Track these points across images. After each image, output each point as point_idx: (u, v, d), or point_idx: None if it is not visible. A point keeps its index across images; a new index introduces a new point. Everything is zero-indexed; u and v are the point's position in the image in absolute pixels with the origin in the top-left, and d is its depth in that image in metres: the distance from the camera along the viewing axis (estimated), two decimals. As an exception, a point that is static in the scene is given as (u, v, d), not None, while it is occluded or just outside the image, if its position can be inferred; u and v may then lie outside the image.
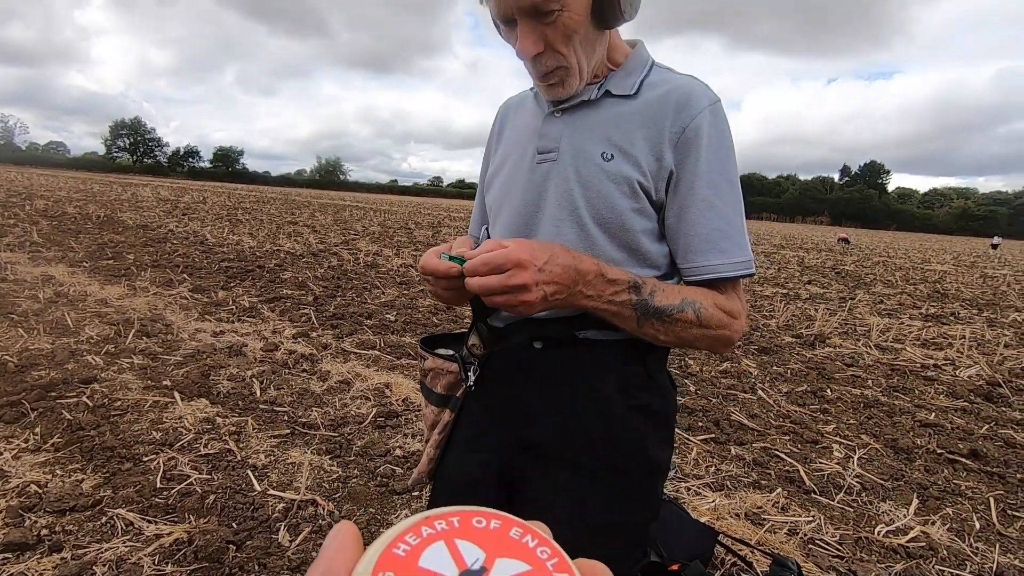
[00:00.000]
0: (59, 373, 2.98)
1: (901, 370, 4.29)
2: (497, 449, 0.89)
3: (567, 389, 0.85)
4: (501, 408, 0.89)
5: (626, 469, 0.85)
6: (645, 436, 0.85)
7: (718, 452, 2.70)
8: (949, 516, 2.25)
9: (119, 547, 1.74)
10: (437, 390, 0.95)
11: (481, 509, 0.24)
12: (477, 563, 0.21)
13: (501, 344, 0.89)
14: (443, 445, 0.95)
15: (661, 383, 0.88)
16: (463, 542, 0.22)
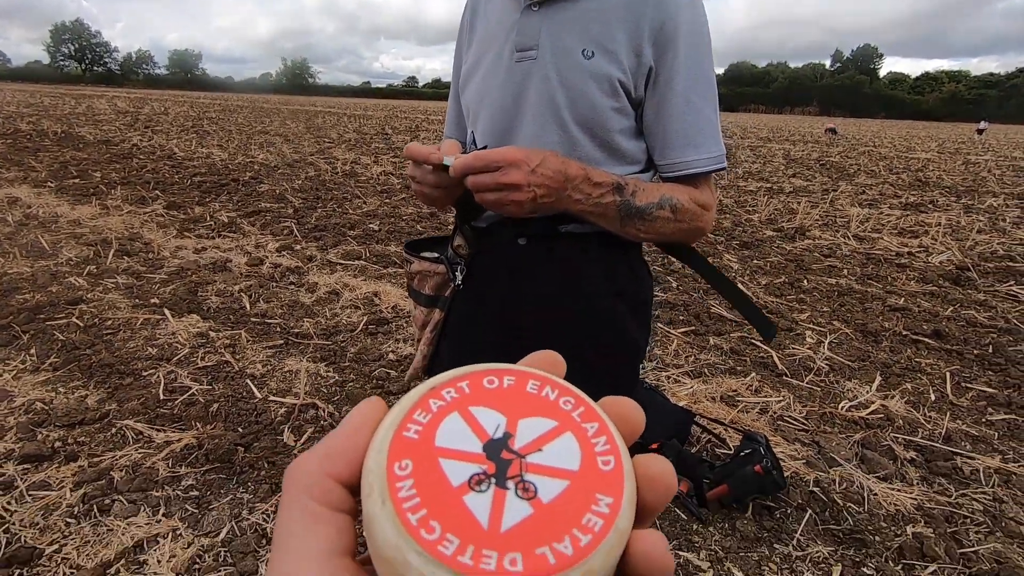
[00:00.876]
0: (44, 296, 2.97)
1: (876, 259, 4.42)
2: (487, 342, 0.94)
3: (552, 280, 0.89)
4: (489, 303, 0.93)
5: (607, 349, 0.91)
6: (625, 320, 0.90)
7: (697, 343, 2.83)
8: (908, 391, 2.42)
9: (132, 454, 1.83)
10: (425, 291, 0.97)
11: (490, 367, 0.22)
12: (499, 430, 0.20)
13: (486, 243, 0.91)
14: (435, 342, 1.00)
15: (640, 271, 0.93)
16: (479, 409, 0.20)
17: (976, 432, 2.13)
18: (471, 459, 0.19)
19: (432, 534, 0.17)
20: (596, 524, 0.18)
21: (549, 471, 0.19)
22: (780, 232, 5.17)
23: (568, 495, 0.18)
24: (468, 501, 0.18)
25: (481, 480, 0.18)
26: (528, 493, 0.18)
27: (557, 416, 0.20)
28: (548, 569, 0.17)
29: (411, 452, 0.19)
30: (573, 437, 0.20)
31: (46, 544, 1.49)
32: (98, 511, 1.60)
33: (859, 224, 5.56)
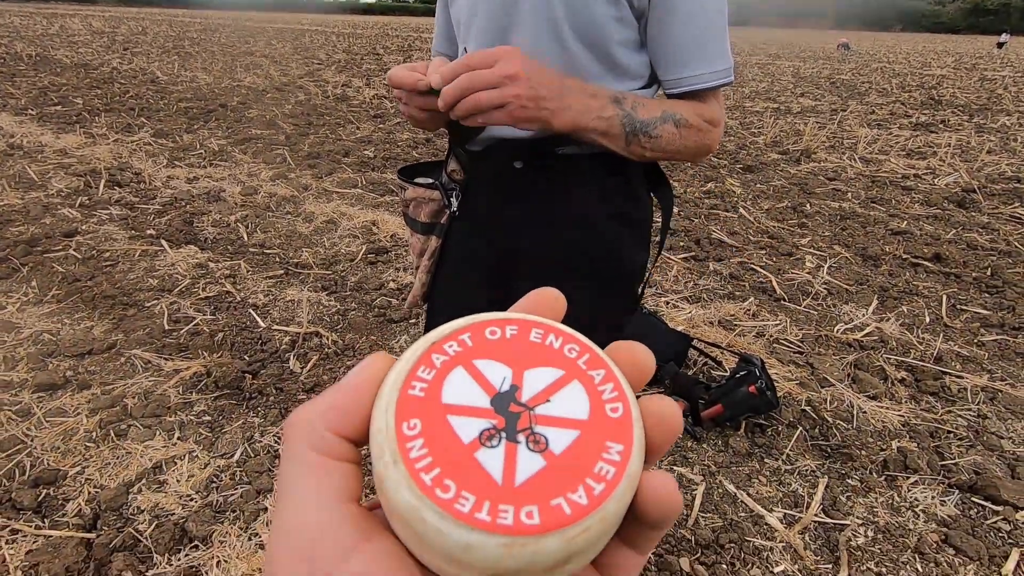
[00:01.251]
0: (39, 228, 2.94)
1: (881, 181, 4.34)
2: (485, 268, 0.94)
3: (549, 203, 0.87)
4: (486, 228, 0.91)
5: (605, 272, 0.90)
6: (623, 242, 0.89)
7: (697, 269, 2.83)
8: (903, 313, 2.45)
9: (143, 382, 1.88)
10: (421, 219, 0.96)
11: (490, 316, 0.21)
12: (506, 383, 0.19)
13: (481, 167, 0.88)
14: (433, 269, 0.99)
15: (639, 192, 0.90)
16: (484, 362, 0.20)
17: (967, 353, 2.18)
18: (480, 414, 0.19)
19: (447, 493, 0.17)
20: (608, 472, 0.18)
21: (558, 421, 0.19)
22: (785, 155, 5.05)
23: (579, 445, 0.18)
24: (480, 457, 0.18)
25: (492, 435, 0.18)
26: (539, 445, 0.18)
27: (563, 365, 0.20)
28: (564, 519, 0.17)
29: (419, 411, 0.18)
30: (580, 385, 0.20)
31: (68, 466, 1.56)
32: (115, 435, 1.66)
33: (867, 146, 5.41)
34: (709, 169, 4.56)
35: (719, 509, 1.50)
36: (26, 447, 1.60)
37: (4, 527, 1.38)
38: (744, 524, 1.45)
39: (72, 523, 1.41)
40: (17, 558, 1.32)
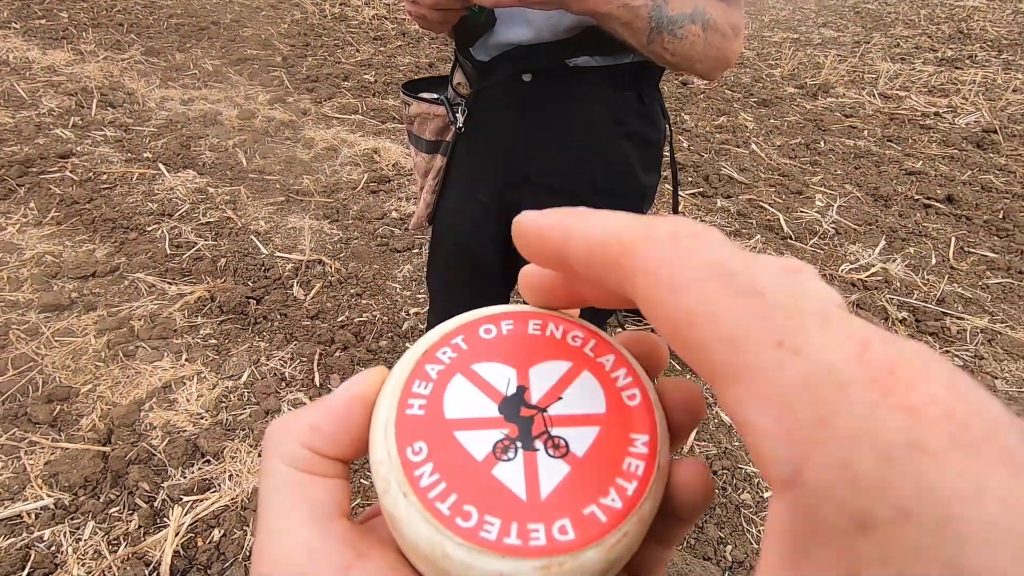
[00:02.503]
0: (32, 149, 2.87)
1: (900, 119, 4.20)
2: (492, 186, 0.91)
3: (559, 121, 0.84)
4: (493, 146, 0.88)
5: (617, 193, 0.88)
6: (635, 162, 0.87)
7: (704, 205, 2.79)
8: (910, 255, 2.44)
9: (148, 305, 1.89)
10: (426, 136, 0.92)
11: (481, 314, 0.20)
12: (511, 385, 0.18)
13: (488, 79, 0.84)
14: (438, 190, 0.97)
15: (652, 111, 0.87)
16: (483, 365, 0.18)
17: (970, 295, 2.18)
18: (489, 425, 0.17)
19: (469, 520, 0.15)
20: (637, 467, 0.16)
21: (575, 420, 0.17)
22: (802, 89, 4.85)
23: (601, 442, 0.17)
24: (498, 474, 0.16)
25: (507, 447, 0.17)
26: (560, 450, 0.17)
27: (569, 355, 0.18)
28: (601, 528, 0.15)
29: (422, 431, 0.17)
30: (591, 375, 0.18)
31: (80, 384, 1.59)
32: (124, 356, 1.69)
33: (887, 81, 5.19)
34: (722, 102, 4.40)
35: (714, 438, 1.54)
36: (37, 365, 1.63)
37: (23, 439, 1.43)
38: (738, 453, 1.50)
39: (87, 437, 1.45)
40: (37, 467, 1.37)
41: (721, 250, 0.13)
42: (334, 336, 1.83)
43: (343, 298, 2.02)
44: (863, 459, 0.10)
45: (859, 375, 0.11)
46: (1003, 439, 0.10)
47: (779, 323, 0.12)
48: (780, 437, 0.11)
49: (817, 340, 0.11)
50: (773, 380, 0.11)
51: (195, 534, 1.28)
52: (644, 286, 0.14)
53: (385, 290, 2.08)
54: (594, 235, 0.15)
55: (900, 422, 0.10)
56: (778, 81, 5.08)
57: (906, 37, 7.63)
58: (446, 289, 1.07)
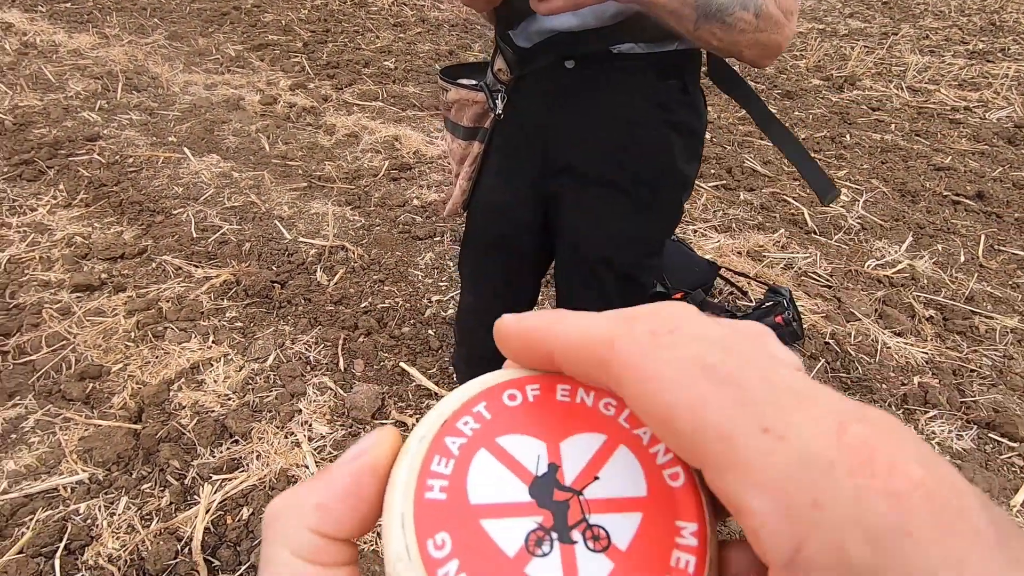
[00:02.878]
0: (61, 131, 2.91)
1: (928, 113, 4.11)
2: (530, 174, 0.91)
3: (600, 108, 0.83)
4: (532, 134, 0.88)
5: (655, 183, 0.87)
6: (676, 152, 0.86)
7: (727, 198, 2.76)
8: (938, 252, 2.39)
9: (175, 287, 1.92)
10: (463, 123, 0.92)
11: (504, 376, 0.17)
12: (541, 462, 0.16)
13: (529, 66, 0.83)
14: (474, 177, 0.97)
15: (695, 99, 0.86)
16: (510, 438, 0.16)
17: (1000, 294, 2.14)
18: (520, 512, 0.15)
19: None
20: (688, 563, 0.15)
21: (615, 504, 0.15)
22: (828, 81, 4.77)
23: (645, 532, 0.15)
24: (533, 572, 0.14)
25: (541, 538, 0.15)
26: (600, 542, 0.15)
27: (603, 427, 0.16)
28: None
29: (444, 520, 0.14)
30: (629, 451, 0.16)
31: (111, 363, 1.63)
32: (152, 336, 1.72)
33: (916, 74, 5.08)
34: (746, 94, 4.33)
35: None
36: (70, 343, 1.66)
37: (57, 415, 1.47)
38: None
39: (119, 415, 1.48)
40: (71, 443, 1.40)
41: (698, 345, 0.14)
42: (357, 322, 1.85)
43: (366, 284, 2.03)
44: (855, 543, 0.11)
45: (842, 459, 0.11)
46: (973, 517, 0.11)
47: (760, 410, 0.12)
48: (777, 521, 0.12)
49: (796, 423, 0.12)
50: (764, 467, 0.12)
51: (224, 512, 1.31)
52: (629, 382, 0.14)
53: (407, 277, 2.09)
54: (577, 336, 0.15)
55: (886, 507, 0.11)
56: (803, 73, 4.99)
57: (936, 29, 7.44)
58: (479, 277, 1.08)
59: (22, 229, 2.12)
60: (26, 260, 1.97)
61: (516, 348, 0.17)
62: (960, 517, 0.11)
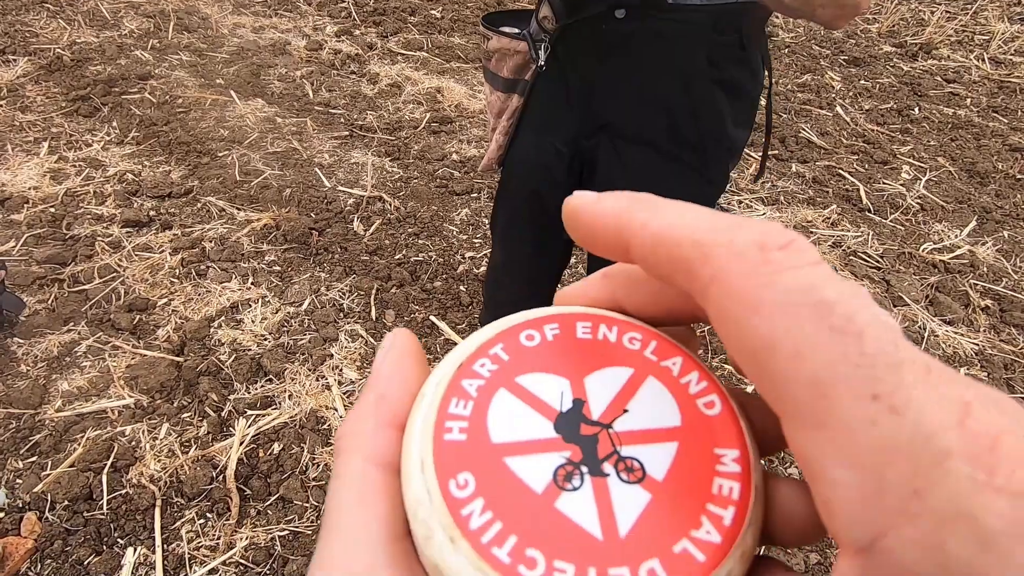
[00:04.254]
0: (115, 69, 2.97)
1: (1010, 88, 3.79)
2: (570, 132, 0.88)
3: (649, 62, 0.78)
4: (574, 88, 0.84)
5: (702, 146, 0.83)
6: (726, 113, 0.81)
7: (778, 169, 2.64)
8: (1003, 238, 2.25)
9: (218, 228, 1.97)
10: (503, 74, 0.89)
11: (522, 318, 0.17)
12: (565, 398, 0.15)
13: (576, 14, 0.79)
14: (512, 132, 0.94)
15: (752, 58, 0.80)
16: (530, 377, 0.15)
17: (1066, 287, 2.01)
18: (546, 448, 0.14)
19: (535, 569, 0.13)
20: (731, 489, 0.14)
21: (647, 436, 0.15)
22: (901, 48, 4.43)
23: (682, 461, 0.14)
24: (564, 507, 0.13)
25: (570, 472, 0.14)
26: (634, 474, 0.14)
27: (628, 361, 0.16)
28: (699, 569, 0.13)
29: (465, 460, 0.14)
30: (659, 382, 0.15)
31: (157, 297, 1.70)
32: (196, 274, 1.78)
33: (1001, 44, 4.67)
34: (808, 59, 4.08)
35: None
36: (119, 276, 1.74)
37: (107, 343, 1.55)
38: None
39: (163, 347, 1.56)
40: (119, 369, 1.48)
41: (815, 271, 0.12)
42: (391, 273, 1.87)
43: (401, 236, 2.04)
44: (959, 542, 0.09)
45: (960, 447, 0.10)
46: None
47: (876, 373, 0.10)
48: (863, 501, 0.10)
49: (917, 398, 0.10)
50: (863, 437, 0.10)
51: (257, 445, 1.37)
52: (720, 299, 0.12)
53: (442, 232, 2.09)
54: (666, 232, 0.13)
55: (1004, 508, 0.09)
56: (874, 38, 4.65)
57: (1030, -6, 6.78)
58: (510, 236, 1.06)
59: (78, 164, 2.20)
60: (81, 193, 2.05)
61: (587, 230, 0.15)
62: None
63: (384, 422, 0.15)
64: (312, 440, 1.39)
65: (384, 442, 0.15)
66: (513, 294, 1.12)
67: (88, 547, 1.17)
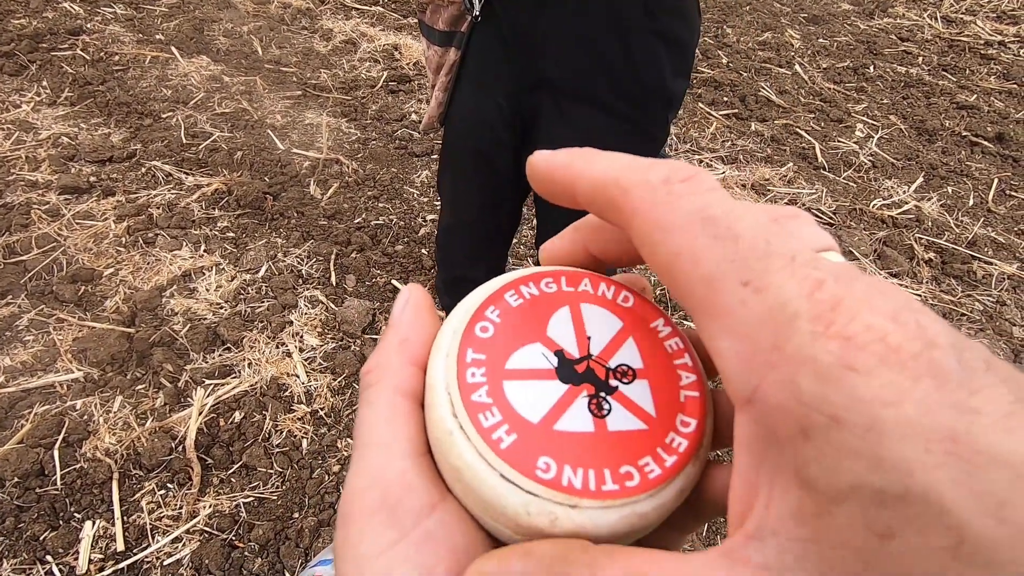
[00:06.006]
0: (41, 23, 2.75)
1: (960, 47, 3.88)
2: (509, 87, 0.86)
3: (584, 11, 0.77)
4: (511, 40, 0.82)
5: (642, 99, 0.83)
6: (663, 65, 0.81)
7: (737, 128, 2.66)
8: (947, 194, 2.34)
9: (166, 194, 1.89)
10: (438, 27, 0.85)
11: (503, 281, 0.19)
12: (549, 357, 0.18)
13: None
14: (451, 87, 0.91)
15: (687, 7, 0.79)
16: (516, 356, 0.17)
17: (1003, 240, 2.11)
18: (570, 396, 0.17)
19: (548, 472, 0.15)
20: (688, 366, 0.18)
21: (614, 343, 0.18)
22: (858, 5, 4.47)
23: (645, 348, 0.18)
24: (612, 426, 0.17)
25: (600, 403, 0.17)
26: (628, 375, 0.17)
27: (564, 300, 0.19)
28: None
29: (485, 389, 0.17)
30: (595, 306, 0.19)
31: (103, 267, 1.62)
32: (143, 243, 1.71)
33: (953, 3, 4.76)
34: (768, 16, 4.07)
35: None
36: (60, 245, 1.65)
37: (51, 315, 1.48)
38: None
39: (112, 318, 1.50)
40: (66, 343, 1.43)
41: (709, 195, 0.14)
42: (350, 237, 1.83)
43: (360, 200, 1.99)
44: (804, 378, 0.12)
45: (806, 309, 0.12)
46: (934, 355, 0.11)
47: (748, 265, 0.13)
48: (742, 362, 0.13)
49: (776, 280, 0.13)
50: (738, 315, 0.13)
51: (217, 415, 1.35)
52: (639, 226, 0.15)
53: (402, 194, 2.05)
54: (598, 176, 0.16)
55: (835, 348, 0.11)
56: (833, -5, 4.66)
57: (982, -47, 6.89)
58: (457, 197, 1.04)
59: (6, 126, 2.06)
60: (11, 159, 1.92)
61: (544, 183, 0.18)
62: (916, 357, 0.11)
63: (408, 360, 0.18)
64: (274, 407, 1.38)
65: (409, 376, 0.18)
66: (464, 254, 1.11)
67: (43, 523, 1.15)
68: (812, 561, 0.11)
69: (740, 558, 0.12)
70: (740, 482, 0.13)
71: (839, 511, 0.11)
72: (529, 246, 1.92)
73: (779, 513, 0.12)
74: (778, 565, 0.12)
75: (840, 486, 0.11)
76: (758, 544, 0.12)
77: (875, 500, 0.10)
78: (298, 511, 1.23)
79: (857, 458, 0.11)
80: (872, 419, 0.11)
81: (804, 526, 0.11)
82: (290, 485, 1.26)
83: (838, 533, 0.11)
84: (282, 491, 1.25)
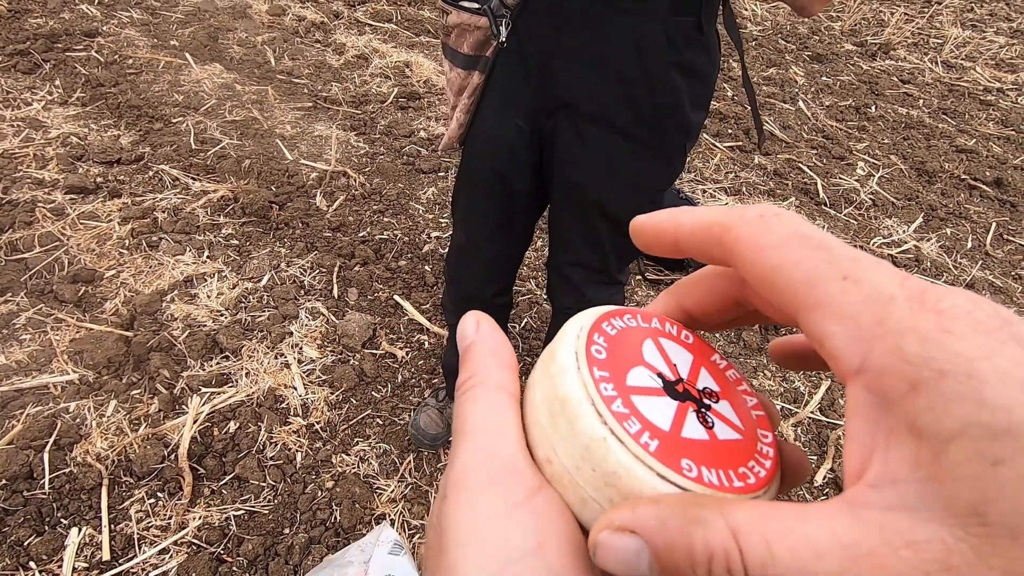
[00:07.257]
0: (58, 23, 2.78)
1: (960, 92, 3.96)
2: (530, 109, 0.87)
3: (607, 40, 0.78)
4: (534, 64, 0.83)
5: (660, 127, 0.84)
6: (683, 95, 0.82)
7: (741, 160, 2.69)
8: (946, 235, 2.37)
9: (172, 198, 1.89)
10: (463, 50, 0.87)
11: (596, 313, 0.21)
12: (654, 379, 0.20)
13: None
14: (473, 109, 0.92)
15: (710, 40, 0.81)
16: (632, 374, 0.19)
17: (1000, 283, 2.13)
18: (682, 411, 0.19)
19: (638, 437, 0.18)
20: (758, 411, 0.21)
21: (694, 371, 0.21)
22: (861, 47, 4.57)
23: (718, 374, 0.21)
24: (719, 435, 0.19)
25: (704, 416, 0.19)
26: (715, 396, 0.20)
27: (649, 334, 0.21)
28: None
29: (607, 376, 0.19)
30: (673, 342, 0.21)
31: (104, 269, 1.62)
32: (147, 246, 1.70)
33: (954, 49, 4.87)
34: (774, 52, 4.16)
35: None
36: (63, 245, 1.65)
37: (49, 315, 1.47)
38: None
39: (111, 320, 1.49)
40: (63, 343, 1.41)
41: (799, 222, 0.17)
42: (354, 250, 1.83)
43: (365, 213, 2.00)
44: (908, 343, 0.14)
45: (901, 293, 0.14)
46: (1013, 329, 0.13)
47: (843, 265, 0.16)
48: (850, 339, 0.15)
49: (870, 275, 0.15)
50: (841, 301, 0.15)
51: (212, 424, 1.34)
52: (742, 252, 0.17)
53: (408, 210, 2.06)
54: (701, 220, 0.19)
55: (932, 319, 0.14)
56: (837, 36, 4.77)
57: (982, 2, 7.08)
58: (471, 217, 1.05)
59: (16, 123, 2.06)
60: (20, 156, 1.92)
61: (648, 237, 0.21)
62: (1000, 328, 0.13)
63: (504, 365, 0.20)
64: (270, 419, 1.36)
65: (507, 378, 0.20)
66: (476, 274, 1.12)
67: (28, 527, 1.12)
68: (933, 496, 0.13)
69: (863, 503, 0.14)
70: (855, 446, 0.15)
71: (952, 448, 0.13)
72: (532, 267, 1.93)
73: (897, 463, 0.14)
74: (901, 504, 0.13)
75: (952, 427, 0.13)
76: (879, 491, 0.14)
77: (985, 435, 0.12)
78: (289, 527, 1.21)
79: (963, 401, 0.13)
80: (972, 369, 0.13)
81: (921, 468, 0.13)
82: (282, 499, 1.24)
83: (954, 468, 0.13)
84: (274, 505, 1.23)
